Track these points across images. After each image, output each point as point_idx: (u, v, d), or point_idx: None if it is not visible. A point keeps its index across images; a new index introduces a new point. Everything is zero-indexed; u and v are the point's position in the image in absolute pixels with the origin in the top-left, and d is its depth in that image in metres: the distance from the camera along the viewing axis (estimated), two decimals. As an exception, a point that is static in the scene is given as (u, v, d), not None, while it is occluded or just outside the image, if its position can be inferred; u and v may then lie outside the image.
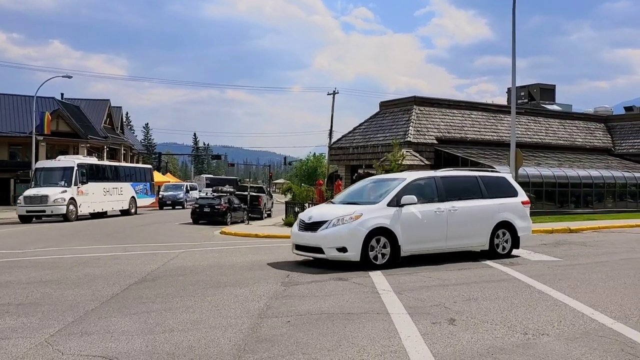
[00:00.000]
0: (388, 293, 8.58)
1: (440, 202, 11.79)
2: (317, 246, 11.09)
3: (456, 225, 11.84)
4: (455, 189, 12.23)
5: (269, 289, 8.88)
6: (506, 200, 12.74)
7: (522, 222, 12.89)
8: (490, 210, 12.39)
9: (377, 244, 10.94)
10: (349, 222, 10.89)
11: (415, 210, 11.37)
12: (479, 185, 12.57)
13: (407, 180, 11.84)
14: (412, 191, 11.51)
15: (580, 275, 10.43)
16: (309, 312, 7.30)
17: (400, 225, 11.12)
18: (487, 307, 7.72)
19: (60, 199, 28.63)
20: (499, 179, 13.34)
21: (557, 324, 6.83)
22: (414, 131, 28.06)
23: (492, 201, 12.48)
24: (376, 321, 6.85)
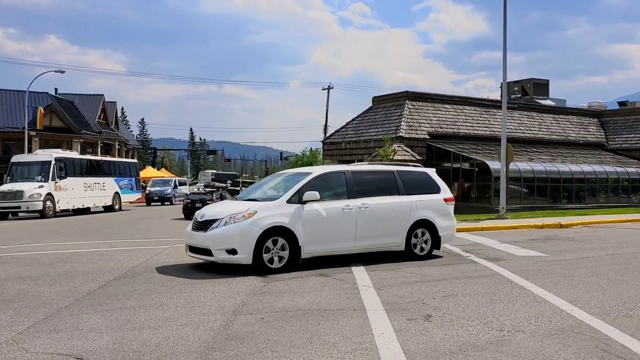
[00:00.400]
0: (368, 289, 8.51)
1: (350, 199, 10.87)
2: (205, 247, 10.02)
3: (367, 224, 10.92)
4: (367, 184, 11.33)
5: (248, 285, 8.80)
6: (426, 197, 11.85)
7: (444, 220, 12.01)
8: (406, 207, 11.48)
9: (274, 246, 9.89)
10: (240, 220, 9.84)
11: (320, 208, 10.43)
12: (396, 180, 11.64)
13: (313, 175, 10.90)
14: (317, 187, 10.59)
15: (564, 270, 10.38)
16: (284, 308, 7.22)
17: (301, 224, 10.13)
18: (465, 303, 7.65)
19: (36, 195, 27.61)
20: (421, 175, 12.33)
21: (534, 320, 6.77)
22: (406, 126, 27.97)
23: (410, 198, 11.57)
24: (351, 317, 6.78)
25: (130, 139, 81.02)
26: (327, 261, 10.97)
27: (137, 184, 40.46)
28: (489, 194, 25.79)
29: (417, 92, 30.86)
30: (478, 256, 12.22)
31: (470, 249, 13.59)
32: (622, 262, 11.49)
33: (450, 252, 12.94)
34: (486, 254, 12.54)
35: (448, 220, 12.16)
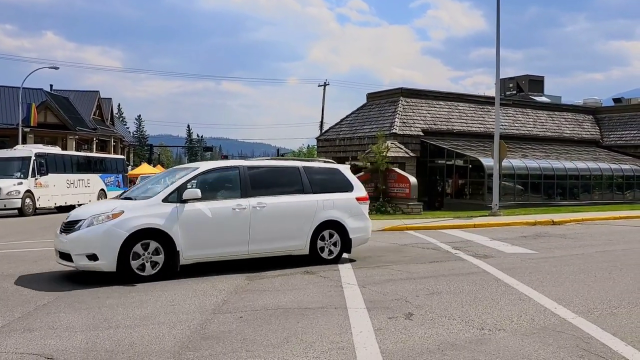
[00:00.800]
0: (352, 287, 8.43)
1: (243, 198, 9.84)
2: (66, 252, 8.90)
3: (263, 225, 9.91)
4: (266, 181, 10.42)
5: (231, 283, 8.72)
6: (336, 196, 10.88)
7: (356, 221, 11.02)
8: (311, 207, 10.49)
9: (145, 250, 8.87)
10: (103, 222, 8.76)
11: (204, 208, 9.41)
12: (301, 177, 10.68)
13: (199, 170, 9.88)
14: (204, 184, 9.82)
15: (552, 268, 10.32)
16: (265, 307, 7.15)
17: (180, 226, 9.07)
18: (449, 301, 7.59)
19: (15, 192, 26.33)
20: (331, 171, 11.36)
21: (516, 318, 6.70)
22: (399, 123, 27.88)
23: (316, 197, 10.62)
24: (332, 316, 6.71)
25: (126, 136, 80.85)
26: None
27: (125, 181, 39.40)
28: (482, 191, 25.72)
29: (411, 88, 30.77)
30: (467, 253, 12.16)
31: (460, 246, 13.53)
32: (611, 259, 11.44)
33: (439, 249, 12.89)
34: (475, 251, 12.48)
35: (361, 221, 11.17)
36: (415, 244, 14.07)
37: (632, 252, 12.49)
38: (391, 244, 14.07)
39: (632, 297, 7.89)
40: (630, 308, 7.29)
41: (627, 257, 11.71)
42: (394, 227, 18.96)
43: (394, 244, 14.04)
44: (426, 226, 19.13)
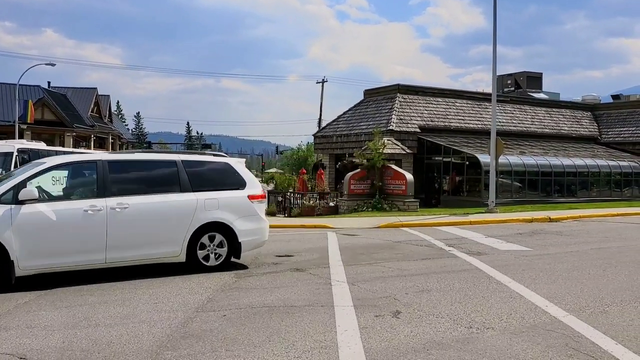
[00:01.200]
0: (341, 284, 8.29)
1: (100, 198, 8.56)
2: None
3: (125, 229, 8.63)
4: (132, 179, 9.19)
5: (218, 281, 8.58)
6: (222, 195, 9.59)
7: (248, 223, 9.75)
8: (189, 207, 9.18)
9: None
10: None
11: (47, 210, 8.13)
12: (179, 174, 9.32)
13: (45, 165, 8.63)
14: (48, 181, 8.70)
15: (545, 265, 10.18)
16: (250, 305, 7.01)
17: (14, 232, 7.79)
18: (438, 298, 7.45)
19: None
20: (218, 166, 10.03)
21: (506, 317, 6.57)
22: (396, 119, 27.72)
23: (197, 195, 9.30)
24: (317, 314, 6.57)
25: (125, 133, 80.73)
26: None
27: None
28: (479, 188, 25.57)
29: (408, 85, 30.61)
30: (460, 250, 12.02)
31: (454, 243, 13.39)
32: (606, 256, 11.30)
33: (432, 246, 12.75)
34: (469, 248, 12.34)
35: (254, 222, 9.87)
36: (409, 241, 13.93)
37: (627, 249, 12.36)
38: (385, 241, 13.94)
39: (624, 295, 7.76)
40: (622, 306, 7.16)
41: (622, 254, 11.58)
42: (389, 224, 18.82)
43: (387, 241, 13.91)
44: (422, 223, 18.98)
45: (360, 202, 24.14)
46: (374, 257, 11.20)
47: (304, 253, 11.72)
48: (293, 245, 13.27)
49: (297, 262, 10.42)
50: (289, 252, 11.80)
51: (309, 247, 12.82)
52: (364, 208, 23.77)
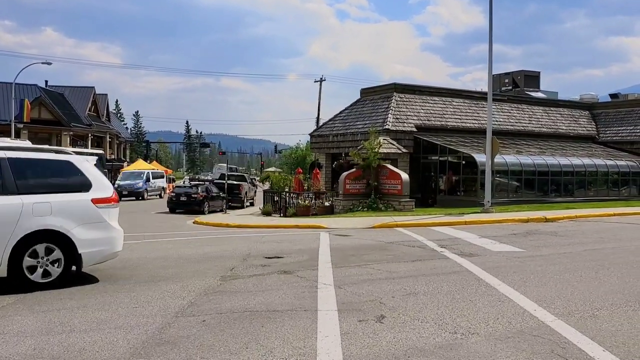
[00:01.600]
0: (327, 287, 8.14)
1: None
2: None
3: None
4: None
5: (203, 284, 8.43)
6: (56, 198, 8.23)
7: (91, 231, 8.40)
8: (11, 212, 7.80)
9: None
10: None
11: None
12: (2, 172, 7.93)
13: None
14: None
15: (537, 267, 10.03)
16: (232, 309, 6.86)
17: None
18: (425, 302, 7.30)
19: None
20: (56, 164, 8.64)
21: (492, 321, 6.42)
22: (392, 119, 27.55)
23: (22, 199, 7.94)
24: (300, 319, 6.42)
25: (123, 132, 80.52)
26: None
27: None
28: (475, 188, 25.41)
29: (405, 84, 30.45)
30: (452, 251, 11.88)
31: (446, 244, 13.25)
32: (599, 258, 11.15)
33: (425, 247, 12.61)
34: (461, 250, 12.20)
35: (100, 230, 8.52)
36: (401, 241, 13.79)
37: (621, 251, 12.22)
38: (377, 242, 13.80)
39: (615, 298, 7.61)
40: (612, 310, 7.01)
41: (616, 256, 11.43)
42: (383, 224, 18.68)
43: (380, 242, 13.77)
44: (416, 223, 18.85)
45: (355, 202, 24.02)
46: (364, 258, 11.06)
47: (293, 254, 11.58)
48: (284, 246, 13.14)
49: (285, 264, 10.29)
50: (279, 254, 11.66)
51: (299, 248, 12.69)
52: (359, 208, 23.64)
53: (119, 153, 74.01)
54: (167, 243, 13.99)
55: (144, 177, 44.51)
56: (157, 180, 47.26)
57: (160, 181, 47.92)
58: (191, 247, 12.93)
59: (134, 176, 44.74)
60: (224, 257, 11.19)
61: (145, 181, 44.06)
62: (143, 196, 42.72)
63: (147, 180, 44.49)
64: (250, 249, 12.58)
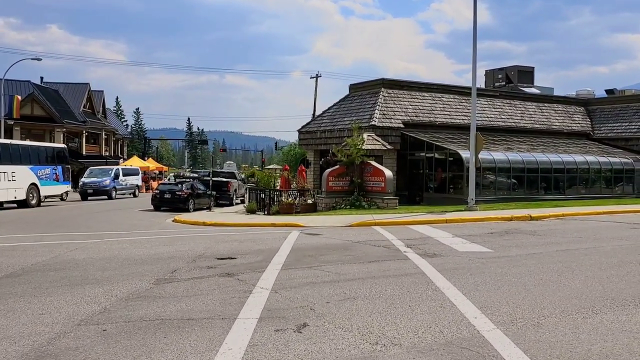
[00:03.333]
0: (262, 292, 7.62)
1: None
2: None
3: None
4: None
5: (131, 288, 7.92)
6: None
7: None
8: None
9: None
10: None
11: None
12: None
13: None
14: None
15: (498, 269, 9.48)
16: (143, 317, 6.34)
17: None
18: (359, 308, 6.78)
19: None
20: None
21: (423, 331, 5.89)
22: (379, 115, 26.97)
23: None
24: (211, 329, 5.90)
25: (120, 129, 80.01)
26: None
27: (66, 174, 33.96)
28: (461, 185, 24.82)
29: (393, 79, 29.84)
30: (416, 252, 11.34)
31: (415, 243, 12.71)
32: (569, 259, 10.59)
33: (390, 247, 12.08)
34: (426, 250, 11.65)
35: None
36: (369, 241, 13.26)
37: (595, 252, 11.64)
38: (344, 242, 13.28)
39: (569, 305, 7.07)
40: (561, 317, 6.48)
41: (587, 257, 10.87)
42: (361, 222, 18.15)
43: (347, 242, 13.25)
44: (395, 221, 18.32)
45: (339, 200, 23.49)
46: (320, 259, 10.54)
47: (249, 255, 11.07)
48: (245, 246, 12.63)
49: (234, 266, 9.77)
50: (234, 254, 11.15)
51: (260, 248, 12.17)
52: (342, 206, 23.11)
53: (115, 150, 73.57)
54: (127, 243, 13.49)
55: (112, 174, 40.24)
56: (129, 178, 42.93)
57: (133, 178, 43.85)
58: (147, 247, 12.42)
59: (101, 173, 40.52)
60: (174, 258, 10.68)
61: (113, 178, 39.86)
62: (111, 195, 38.70)
63: (115, 178, 40.25)
64: (207, 249, 12.07)
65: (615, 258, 10.81)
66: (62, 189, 33.92)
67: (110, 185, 38.95)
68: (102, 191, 38.41)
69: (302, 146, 33.26)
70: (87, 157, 57.78)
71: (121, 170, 42.22)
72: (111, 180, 39.23)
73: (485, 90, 35.31)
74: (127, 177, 42.28)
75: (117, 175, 40.48)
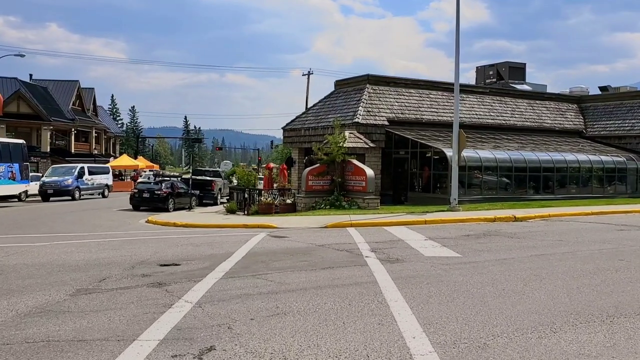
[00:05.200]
0: (184, 306, 6.78)
1: None
2: None
3: None
4: None
5: (42, 300, 7.10)
6: None
7: None
8: None
9: None
10: None
11: None
12: None
13: None
14: None
15: (459, 277, 8.66)
16: (28, 338, 5.51)
17: None
18: (285, 326, 5.96)
19: None
20: None
21: (345, 356, 5.07)
22: (363, 111, 26.12)
23: None
24: (98, 353, 5.09)
25: (112, 127, 79.12)
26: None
27: (24, 172, 32.16)
28: (446, 184, 23.98)
29: (378, 75, 29.00)
30: (378, 256, 10.52)
31: (381, 247, 11.89)
32: (540, 266, 9.77)
33: (352, 252, 11.26)
34: (390, 254, 10.83)
35: None
36: (334, 244, 12.45)
37: (571, 257, 10.82)
38: (308, 245, 12.47)
39: (527, 321, 6.25)
40: (513, 337, 5.67)
41: (562, 263, 10.05)
42: (337, 223, 17.35)
43: (311, 245, 12.43)
44: (371, 222, 17.51)
45: (319, 199, 22.68)
46: (271, 265, 9.72)
47: (196, 261, 10.24)
48: (198, 250, 11.81)
49: (171, 274, 8.95)
50: (180, 260, 10.33)
51: (212, 253, 11.35)
52: (322, 206, 22.30)
53: (107, 148, 72.77)
54: (75, 246, 12.65)
55: (76, 173, 36.74)
56: (96, 177, 39.53)
57: (101, 177, 40.24)
58: (92, 252, 11.58)
59: (63, 171, 37.05)
60: (112, 264, 9.85)
61: (76, 177, 36.48)
62: (74, 195, 35.46)
63: (79, 177, 36.94)
64: (155, 253, 11.25)
65: (591, 264, 9.99)
66: (19, 188, 32.03)
67: (73, 185, 35.83)
68: (64, 191, 35.25)
69: (286, 144, 32.51)
70: (76, 155, 56.98)
71: (87, 168, 38.76)
72: (74, 180, 36.11)
73: (474, 87, 34.45)
74: (95, 176, 39.22)
75: (81, 173, 37.32)
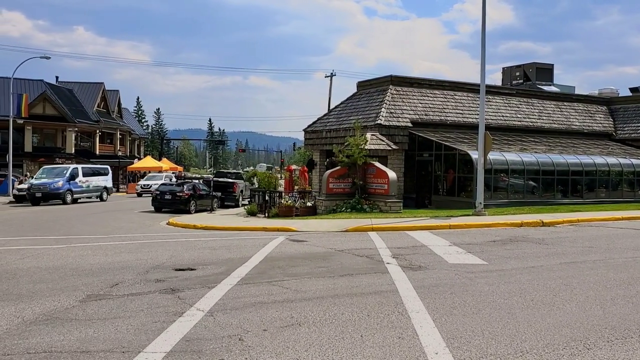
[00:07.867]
0: (195, 315, 6.50)
1: None
2: None
3: None
4: None
5: (50, 306, 6.88)
6: None
7: None
8: None
9: None
10: None
11: None
12: None
13: None
14: None
15: (484, 287, 8.24)
16: (29, 348, 5.27)
17: None
18: (298, 338, 5.63)
19: None
20: None
21: (363, 373, 4.72)
22: (386, 113, 25.70)
23: None
24: (103, 366, 4.82)
25: (137, 128, 79.70)
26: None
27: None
28: (471, 187, 23.43)
29: (402, 76, 28.54)
30: (400, 263, 10.13)
31: (403, 252, 11.50)
32: (570, 275, 9.29)
33: (372, 258, 10.88)
34: (413, 261, 10.43)
35: None
36: (353, 249, 12.08)
37: (603, 265, 10.29)
38: (328, 250, 12.12)
39: (556, 336, 5.83)
40: (541, 355, 5.26)
41: (593, 272, 9.55)
42: (357, 227, 16.98)
43: (330, 250, 12.09)
44: (393, 227, 17.10)
45: (339, 202, 22.30)
46: (288, 271, 9.40)
47: (212, 265, 9.98)
48: (215, 254, 11.55)
49: (185, 279, 8.69)
50: (196, 265, 10.07)
51: (229, 257, 11.08)
52: (342, 209, 21.91)
53: (132, 150, 73.27)
54: (91, 249, 12.48)
55: (67, 175, 33.65)
56: (92, 179, 36.27)
57: (98, 179, 37.00)
58: (108, 255, 11.40)
59: (54, 173, 34.03)
60: (127, 268, 9.63)
61: (67, 180, 33.46)
62: (64, 199, 32.52)
63: (71, 179, 33.84)
64: (171, 257, 11.01)
65: (625, 273, 9.47)
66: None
67: (64, 188, 32.81)
68: (53, 194, 32.34)
69: (307, 146, 32.14)
70: (101, 156, 57.43)
71: (80, 169, 35.54)
72: (65, 182, 33.10)
73: (501, 88, 33.77)
74: (90, 178, 35.97)
75: (73, 175, 34.16)
